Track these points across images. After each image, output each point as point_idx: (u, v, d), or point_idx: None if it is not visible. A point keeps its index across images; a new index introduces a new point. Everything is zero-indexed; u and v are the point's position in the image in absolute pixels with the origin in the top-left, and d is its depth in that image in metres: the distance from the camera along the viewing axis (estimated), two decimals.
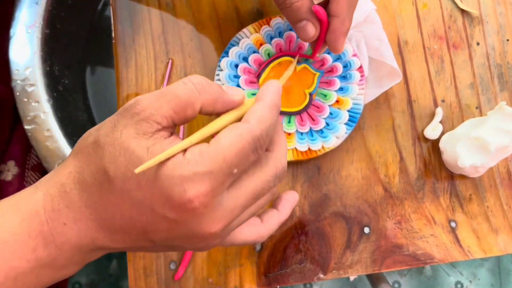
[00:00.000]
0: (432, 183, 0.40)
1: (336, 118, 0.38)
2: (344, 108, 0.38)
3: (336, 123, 0.38)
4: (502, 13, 0.43)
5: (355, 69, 0.39)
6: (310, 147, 0.38)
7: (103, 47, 0.69)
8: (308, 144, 0.38)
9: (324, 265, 0.38)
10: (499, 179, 0.41)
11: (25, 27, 0.50)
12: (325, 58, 0.39)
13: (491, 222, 0.40)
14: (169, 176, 0.23)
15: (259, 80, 0.39)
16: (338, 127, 0.38)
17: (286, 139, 0.37)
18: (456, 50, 0.43)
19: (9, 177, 0.54)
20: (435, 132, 0.40)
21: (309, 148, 0.38)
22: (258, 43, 0.40)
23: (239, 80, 0.39)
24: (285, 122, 0.39)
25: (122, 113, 0.25)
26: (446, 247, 0.39)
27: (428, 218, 0.40)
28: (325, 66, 0.39)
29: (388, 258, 0.39)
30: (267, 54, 0.39)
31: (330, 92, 0.39)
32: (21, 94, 0.49)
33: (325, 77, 0.39)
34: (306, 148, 0.38)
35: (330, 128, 0.38)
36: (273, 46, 0.39)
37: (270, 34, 0.39)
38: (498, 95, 0.42)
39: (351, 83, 0.38)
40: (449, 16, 0.43)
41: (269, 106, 0.27)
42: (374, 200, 0.40)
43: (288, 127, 0.39)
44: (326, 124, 0.38)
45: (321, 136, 0.38)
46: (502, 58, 0.43)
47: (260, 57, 0.39)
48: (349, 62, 0.39)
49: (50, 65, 0.52)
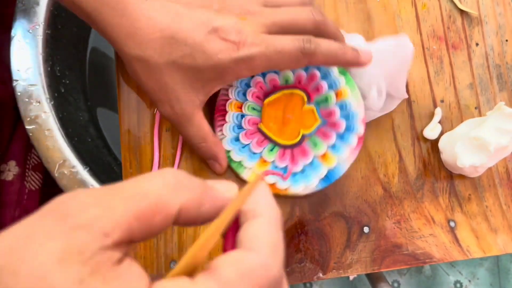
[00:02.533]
0: (431, 183, 0.41)
1: (315, 170, 0.37)
2: (326, 165, 0.37)
3: (312, 175, 0.37)
4: (501, 13, 0.43)
5: (356, 134, 0.37)
6: (276, 183, 0.37)
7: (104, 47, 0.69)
8: (276, 180, 0.37)
9: (324, 265, 0.39)
10: (498, 179, 0.41)
11: (26, 27, 0.50)
12: (333, 110, 0.37)
13: (490, 221, 0.40)
14: None
15: (265, 99, 0.38)
16: (311, 179, 0.37)
17: (261, 165, 0.37)
18: (455, 50, 0.43)
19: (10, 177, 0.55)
20: (434, 132, 0.41)
21: (275, 184, 0.37)
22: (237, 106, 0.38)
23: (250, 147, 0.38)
24: (268, 148, 0.37)
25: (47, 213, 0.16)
26: (445, 247, 0.39)
27: (427, 218, 0.40)
28: (331, 118, 0.37)
29: (387, 258, 0.39)
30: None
31: (323, 144, 0.37)
32: (22, 94, 0.49)
33: (325, 127, 0.37)
34: (272, 182, 0.37)
35: (304, 176, 0.37)
36: (249, 98, 0.38)
37: (239, 91, 0.38)
38: (497, 95, 0.42)
39: (345, 145, 0.37)
40: (448, 16, 0.43)
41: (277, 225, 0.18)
42: (373, 200, 0.40)
43: (268, 155, 0.37)
44: (302, 170, 0.37)
45: (292, 178, 0.37)
46: (501, 59, 0.43)
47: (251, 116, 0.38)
48: (353, 126, 0.37)
49: (51, 65, 0.53)
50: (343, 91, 0.37)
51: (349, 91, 0.37)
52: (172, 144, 0.40)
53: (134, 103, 0.41)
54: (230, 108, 0.38)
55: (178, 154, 0.40)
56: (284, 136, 0.38)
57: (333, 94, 0.37)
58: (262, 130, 0.38)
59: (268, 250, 0.17)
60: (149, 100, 0.41)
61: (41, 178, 0.56)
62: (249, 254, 0.17)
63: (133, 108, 0.41)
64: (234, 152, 0.38)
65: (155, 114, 0.40)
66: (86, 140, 0.59)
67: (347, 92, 0.37)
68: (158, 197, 0.17)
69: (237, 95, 0.38)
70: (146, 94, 0.35)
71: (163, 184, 0.17)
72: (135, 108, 0.41)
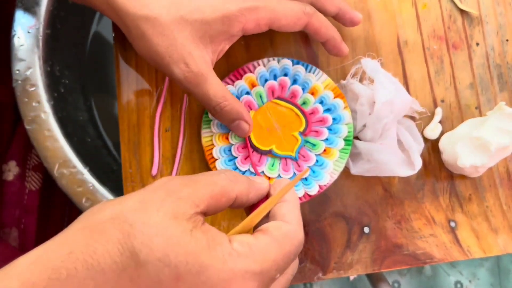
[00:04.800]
0: (431, 183, 0.40)
1: (322, 166, 0.37)
2: (331, 158, 0.37)
3: (321, 171, 0.37)
4: (501, 13, 0.43)
5: (344, 123, 0.38)
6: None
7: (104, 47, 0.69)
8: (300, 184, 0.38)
9: (324, 265, 0.39)
10: (499, 179, 0.41)
11: (25, 27, 0.50)
12: (316, 108, 0.38)
13: (491, 222, 0.40)
14: (219, 270, 0.21)
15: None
16: (323, 175, 0.37)
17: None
18: (456, 50, 0.43)
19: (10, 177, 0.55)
20: (435, 132, 0.41)
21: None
22: (251, 84, 0.39)
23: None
24: (268, 165, 0.38)
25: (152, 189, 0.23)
26: (445, 247, 0.39)
27: (427, 218, 0.40)
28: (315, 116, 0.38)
29: (388, 258, 0.39)
30: (259, 96, 0.39)
31: (319, 142, 0.38)
32: (22, 95, 0.49)
33: (315, 126, 0.38)
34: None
35: (315, 176, 0.37)
36: (265, 88, 0.39)
37: (264, 76, 0.39)
38: (497, 95, 0.42)
39: (338, 136, 0.38)
40: (448, 16, 0.43)
41: (298, 205, 0.27)
42: (374, 200, 0.40)
43: (270, 171, 0.37)
44: (312, 171, 0.38)
45: (304, 183, 0.37)
46: (502, 59, 0.43)
47: (252, 100, 0.38)
48: (339, 116, 0.38)
49: (51, 65, 0.53)
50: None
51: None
52: (172, 144, 0.40)
53: (134, 103, 0.41)
54: (245, 80, 0.38)
55: (178, 154, 0.40)
56: (258, 138, 0.38)
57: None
58: (255, 146, 0.37)
59: (296, 222, 0.25)
60: (148, 99, 0.41)
61: (41, 178, 0.56)
62: (286, 224, 0.25)
63: (133, 108, 0.41)
64: None
65: (155, 114, 0.40)
66: (86, 140, 0.59)
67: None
68: (223, 186, 0.24)
69: (260, 76, 0.39)
70: (154, 60, 0.33)
71: (225, 177, 0.25)
72: (135, 108, 0.41)
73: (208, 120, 0.38)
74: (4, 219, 0.53)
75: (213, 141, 0.38)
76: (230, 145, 0.38)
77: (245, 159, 0.38)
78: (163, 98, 0.41)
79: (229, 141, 0.38)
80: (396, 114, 0.37)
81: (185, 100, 0.41)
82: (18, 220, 0.53)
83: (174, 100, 0.41)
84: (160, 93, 0.41)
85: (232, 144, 0.38)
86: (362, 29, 0.42)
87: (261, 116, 0.38)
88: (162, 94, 0.41)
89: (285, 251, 0.23)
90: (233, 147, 0.38)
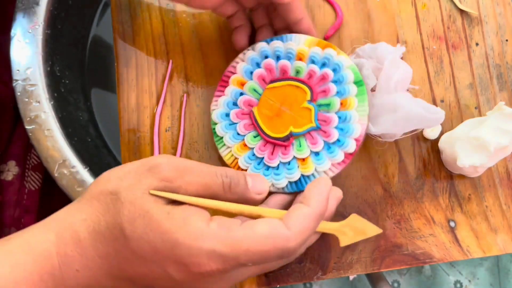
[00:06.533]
0: (431, 183, 0.40)
1: (289, 171, 0.35)
2: (302, 170, 0.35)
3: (284, 174, 0.35)
4: (501, 13, 0.43)
5: (346, 150, 0.35)
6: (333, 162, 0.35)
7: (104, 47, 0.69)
8: (329, 160, 0.35)
9: (323, 265, 0.39)
10: (498, 179, 0.41)
11: (26, 27, 0.50)
12: (331, 118, 0.35)
13: (490, 221, 0.40)
14: (188, 246, 0.23)
15: (268, 84, 0.37)
16: (281, 179, 0.35)
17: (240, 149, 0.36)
18: (455, 50, 0.43)
19: (10, 177, 0.54)
20: (434, 132, 0.41)
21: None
22: (240, 83, 0.38)
23: (237, 127, 0.37)
24: (252, 134, 0.36)
25: (149, 168, 0.26)
26: (445, 247, 0.39)
27: (427, 218, 0.40)
28: (326, 125, 0.36)
29: (387, 258, 0.39)
30: (253, 90, 0.37)
31: (307, 148, 0.35)
32: (22, 94, 0.49)
33: (316, 133, 0.36)
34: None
35: (276, 173, 0.35)
36: (255, 80, 0.37)
37: (248, 69, 0.38)
38: (497, 95, 0.42)
39: (329, 158, 0.35)
40: (448, 16, 0.43)
41: (315, 216, 0.26)
42: (373, 200, 0.40)
43: (250, 141, 0.36)
44: (276, 167, 0.36)
45: (263, 172, 0.36)
46: (501, 59, 0.43)
47: (249, 97, 0.37)
48: (345, 141, 0.35)
49: (51, 65, 0.53)
50: (350, 101, 0.35)
51: (356, 102, 0.35)
52: (172, 144, 0.40)
53: (134, 103, 0.41)
54: (233, 82, 0.38)
55: (178, 154, 0.40)
56: (273, 128, 0.36)
57: (338, 101, 0.35)
58: (254, 115, 0.37)
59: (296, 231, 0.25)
60: (148, 99, 0.41)
61: (41, 178, 0.56)
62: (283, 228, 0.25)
63: (133, 108, 0.41)
64: (220, 127, 0.37)
65: (155, 114, 0.40)
66: (86, 140, 0.59)
67: (353, 104, 0.35)
68: (213, 188, 0.27)
69: (244, 72, 0.38)
70: None
71: (219, 183, 0.27)
72: (135, 108, 0.41)
73: (219, 138, 0.38)
74: (3, 219, 0.53)
75: (234, 154, 0.37)
76: (251, 150, 0.36)
77: (271, 154, 0.36)
78: (163, 98, 0.41)
79: (248, 147, 0.37)
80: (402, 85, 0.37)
81: (185, 100, 0.41)
82: (18, 220, 0.53)
83: (174, 100, 0.41)
84: (160, 93, 0.41)
85: (253, 148, 0.36)
86: (362, 29, 0.42)
87: (266, 106, 0.37)
88: (162, 94, 0.41)
89: (263, 248, 0.24)
90: (254, 150, 0.36)
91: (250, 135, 0.37)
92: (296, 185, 0.35)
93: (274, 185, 0.35)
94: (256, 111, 0.37)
